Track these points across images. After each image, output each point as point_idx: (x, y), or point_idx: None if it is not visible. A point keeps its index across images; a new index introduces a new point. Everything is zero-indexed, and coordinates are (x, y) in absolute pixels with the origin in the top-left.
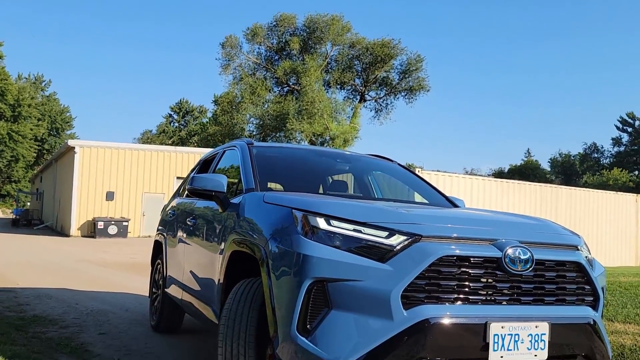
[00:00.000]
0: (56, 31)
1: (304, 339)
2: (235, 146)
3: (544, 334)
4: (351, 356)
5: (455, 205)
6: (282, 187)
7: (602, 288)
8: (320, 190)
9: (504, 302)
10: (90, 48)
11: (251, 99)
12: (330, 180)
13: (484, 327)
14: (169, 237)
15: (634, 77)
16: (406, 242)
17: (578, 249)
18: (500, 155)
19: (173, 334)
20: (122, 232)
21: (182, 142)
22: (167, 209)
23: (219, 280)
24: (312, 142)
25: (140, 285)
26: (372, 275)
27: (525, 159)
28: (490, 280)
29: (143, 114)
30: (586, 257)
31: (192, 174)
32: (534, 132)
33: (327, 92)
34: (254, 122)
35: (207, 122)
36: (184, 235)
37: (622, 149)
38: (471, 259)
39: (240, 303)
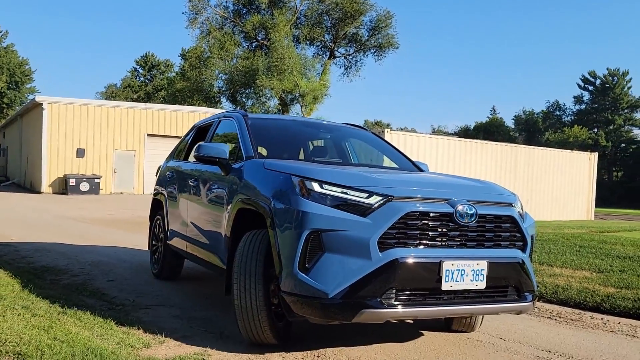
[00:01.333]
0: None
1: (304, 274)
2: (231, 117)
3: (483, 270)
4: (340, 286)
5: (420, 169)
6: (267, 152)
7: (532, 236)
8: (302, 154)
9: (454, 246)
10: None
11: (219, 54)
12: (312, 147)
13: (438, 265)
14: (169, 196)
15: (596, 35)
16: (381, 202)
17: (512, 206)
18: (466, 113)
19: (174, 280)
20: (94, 189)
21: (149, 96)
22: (164, 171)
23: (225, 233)
24: (282, 99)
25: (126, 239)
26: (356, 226)
27: (491, 117)
28: (444, 230)
29: (106, 67)
30: (519, 212)
31: (187, 138)
32: (499, 90)
33: (297, 48)
34: (223, 78)
35: (174, 77)
36: (187, 194)
37: (583, 107)
38: (430, 214)
39: (250, 249)
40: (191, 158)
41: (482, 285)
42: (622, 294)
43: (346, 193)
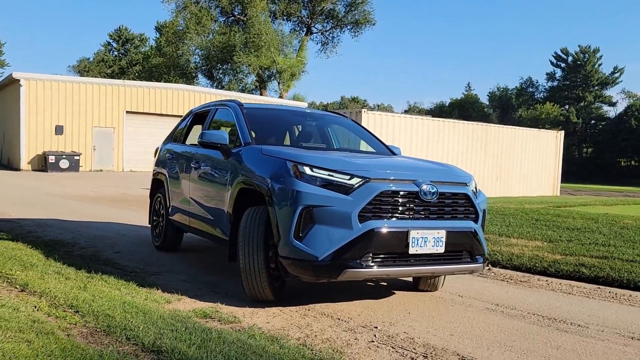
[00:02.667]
0: None
1: (298, 242)
2: (227, 106)
3: (442, 237)
4: (328, 251)
5: (393, 153)
6: (259, 137)
7: (483, 210)
8: (291, 139)
9: (419, 218)
10: None
11: (196, 30)
12: (299, 133)
13: (406, 234)
14: (170, 176)
15: (569, 13)
16: (361, 182)
17: (467, 185)
18: (442, 89)
19: (175, 252)
20: (74, 166)
21: (123, 71)
22: (163, 153)
23: (227, 210)
24: (259, 76)
25: (118, 215)
26: (340, 203)
27: (466, 93)
28: (411, 205)
29: (78, 41)
30: (472, 190)
31: (184, 122)
32: (474, 67)
33: (274, 23)
34: (199, 54)
35: (149, 52)
36: (188, 175)
37: (555, 84)
38: (400, 192)
39: (252, 222)
40: (189, 141)
41: (441, 249)
42: (566, 260)
43: (332, 175)
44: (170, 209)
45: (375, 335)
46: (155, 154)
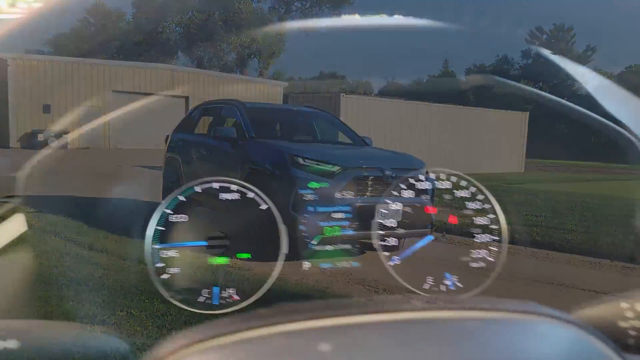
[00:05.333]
0: None
1: (294, 213)
2: (232, 104)
3: (400, 210)
4: None
5: (366, 143)
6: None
7: (433, 189)
8: (283, 132)
9: (383, 196)
10: None
11: (175, 7)
12: (290, 127)
13: (373, 207)
14: (184, 159)
15: None
16: (340, 170)
17: (419, 170)
18: (419, 66)
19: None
20: (63, 144)
21: (101, 47)
22: (176, 141)
23: None
24: (239, 54)
25: (126, 191)
26: (325, 184)
27: (443, 70)
28: (377, 186)
29: (54, 15)
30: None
31: (193, 114)
32: (452, 44)
33: (253, 1)
34: (179, 32)
35: (127, 27)
36: (202, 159)
37: (529, 61)
38: (369, 177)
39: None
40: (197, 130)
41: (399, 219)
42: None
43: (319, 164)
44: None
45: (350, 279)
46: (165, 141)
